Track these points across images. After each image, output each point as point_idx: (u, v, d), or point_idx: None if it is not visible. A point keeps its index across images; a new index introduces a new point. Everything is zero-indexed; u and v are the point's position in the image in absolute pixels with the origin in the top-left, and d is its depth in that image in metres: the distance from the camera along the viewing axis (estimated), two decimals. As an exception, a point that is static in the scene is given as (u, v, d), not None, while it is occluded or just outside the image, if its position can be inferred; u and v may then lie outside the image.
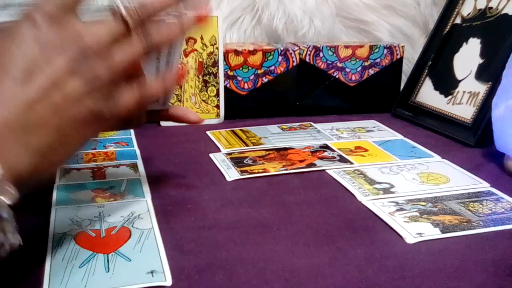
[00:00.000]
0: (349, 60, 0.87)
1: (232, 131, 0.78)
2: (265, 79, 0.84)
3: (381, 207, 0.52)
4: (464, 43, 0.81)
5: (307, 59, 0.85)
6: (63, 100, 0.37)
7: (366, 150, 0.69)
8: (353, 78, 0.88)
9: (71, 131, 0.38)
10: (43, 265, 0.41)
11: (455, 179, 0.60)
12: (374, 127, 0.81)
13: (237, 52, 0.82)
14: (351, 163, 0.65)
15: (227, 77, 0.83)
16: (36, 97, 0.36)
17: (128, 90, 0.42)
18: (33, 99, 0.36)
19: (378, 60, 0.88)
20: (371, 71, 0.88)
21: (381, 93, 0.90)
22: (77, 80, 0.38)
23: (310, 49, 0.85)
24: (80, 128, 0.39)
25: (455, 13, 0.85)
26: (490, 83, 0.74)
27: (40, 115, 0.36)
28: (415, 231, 0.47)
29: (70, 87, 0.37)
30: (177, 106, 0.56)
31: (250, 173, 0.61)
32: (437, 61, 0.85)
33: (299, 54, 0.85)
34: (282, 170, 0.62)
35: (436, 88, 0.83)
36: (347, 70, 0.87)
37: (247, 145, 0.71)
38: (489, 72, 0.74)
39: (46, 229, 0.46)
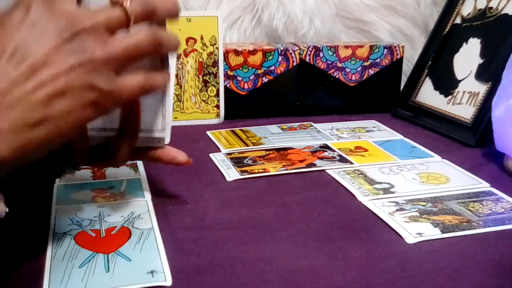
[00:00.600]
0: (349, 60, 0.87)
1: (232, 131, 0.78)
2: (265, 79, 0.84)
3: (381, 207, 0.52)
4: (464, 43, 0.81)
5: (307, 59, 0.85)
6: (53, 78, 0.36)
7: (366, 150, 0.69)
8: (353, 78, 0.88)
9: (61, 107, 0.37)
10: (43, 265, 0.41)
11: (455, 179, 0.60)
12: (374, 127, 0.81)
13: (237, 52, 0.82)
14: (351, 163, 0.65)
15: (227, 77, 0.83)
16: (23, 76, 0.36)
17: (131, 75, 0.40)
18: (20, 78, 0.36)
19: (378, 60, 0.88)
20: (371, 71, 0.88)
21: (381, 93, 0.90)
22: (70, 58, 0.37)
23: (310, 49, 0.85)
24: (74, 105, 0.38)
25: (455, 13, 0.85)
26: (490, 83, 0.74)
27: (25, 92, 0.36)
28: (415, 231, 0.47)
29: (61, 65, 0.37)
30: (168, 148, 0.52)
31: (250, 173, 0.61)
32: (437, 61, 0.85)
33: (299, 54, 0.85)
34: (282, 170, 0.62)
35: (436, 88, 0.83)
36: (347, 70, 0.87)
37: (247, 145, 0.71)
38: (489, 72, 0.74)
39: (46, 229, 0.46)
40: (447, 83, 0.81)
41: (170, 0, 0.43)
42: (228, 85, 0.83)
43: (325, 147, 0.70)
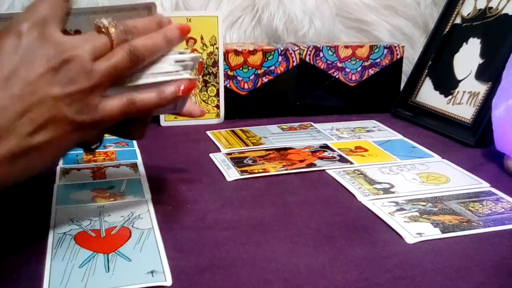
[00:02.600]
0: (349, 60, 0.87)
1: (232, 131, 0.78)
2: (265, 79, 0.84)
3: (381, 207, 0.52)
4: (464, 43, 0.81)
5: (307, 59, 0.85)
6: (38, 107, 0.38)
7: (366, 150, 0.69)
8: (353, 78, 0.88)
9: (45, 137, 0.39)
10: (43, 265, 0.41)
11: (455, 179, 0.60)
12: (374, 127, 0.81)
13: (237, 52, 0.82)
14: (351, 163, 0.65)
15: (227, 77, 0.83)
16: (10, 103, 0.37)
17: (112, 98, 0.42)
18: (7, 105, 0.37)
19: (378, 60, 0.88)
20: (371, 71, 0.88)
21: (381, 93, 0.90)
22: (56, 88, 0.38)
23: (310, 49, 0.85)
24: (57, 135, 0.39)
25: (455, 13, 0.85)
26: (490, 83, 0.74)
27: (11, 120, 0.37)
28: (415, 231, 0.47)
29: (47, 95, 0.38)
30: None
31: (250, 173, 0.61)
32: (437, 61, 0.85)
33: (299, 54, 0.85)
34: (282, 170, 0.62)
35: (436, 88, 0.83)
36: (347, 70, 0.87)
37: (247, 145, 0.71)
38: (489, 72, 0.74)
39: (46, 229, 0.46)
40: (447, 83, 0.81)
41: (151, 22, 0.44)
42: (228, 85, 0.83)
43: (325, 147, 0.70)
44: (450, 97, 0.80)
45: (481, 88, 0.75)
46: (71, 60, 0.39)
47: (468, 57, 0.79)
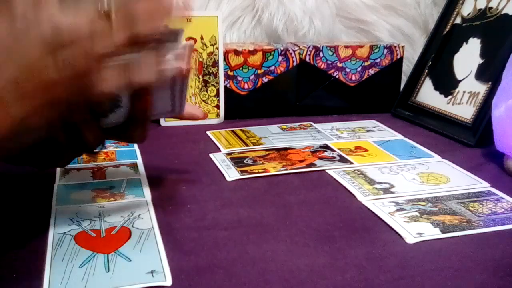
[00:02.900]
0: (349, 60, 0.87)
1: (232, 131, 0.78)
2: (265, 79, 0.84)
3: (381, 207, 0.52)
4: (464, 43, 0.81)
5: (307, 59, 0.85)
6: (33, 94, 0.37)
7: (366, 150, 0.69)
8: (353, 78, 0.88)
9: (39, 122, 0.38)
10: (43, 265, 0.41)
11: (455, 179, 0.60)
12: (374, 127, 0.81)
13: (237, 52, 0.82)
14: (351, 163, 0.65)
15: (227, 77, 0.83)
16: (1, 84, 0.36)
17: (109, 74, 0.40)
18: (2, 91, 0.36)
19: (378, 60, 0.88)
20: (371, 71, 0.88)
21: (381, 93, 0.90)
22: (48, 68, 0.37)
23: (310, 49, 0.85)
24: (48, 113, 0.38)
25: (455, 13, 0.85)
26: (490, 83, 0.74)
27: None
28: (415, 231, 0.47)
29: (40, 75, 0.37)
30: (187, 106, 0.54)
31: (250, 173, 0.61)
32: (437, 61, 0.85)
33: (299, 54, 0.85)
34: (282, 170, 0.62)
35: (436, 88, 0.83)
36: (347, 70, 0.87)
37: (247, 145, 0.71)
38: (489, 72, 0.74)
39: (46, 229, 0.46)
40: (447, 83, 0.81)
41: (155, 3, 0.42)
42: (228, 85, 0.83)
43: (325, 147, 0.70)
44: (450, 97, 0.80)
45: (481, 88, 0.75)
46: (69, 42, 0.37)
47: (468, 57, 0.79)
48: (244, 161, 0.65)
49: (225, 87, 0.83)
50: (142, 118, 0.46)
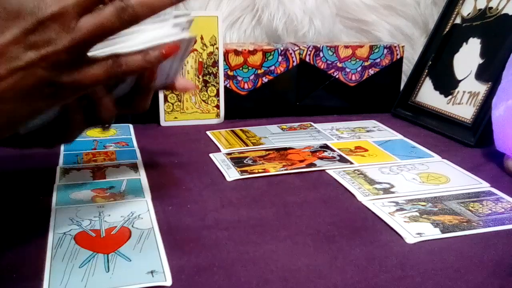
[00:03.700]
0: (349, 60, 0.87)
1: (232, 131, 0.78)
2: (265, 79, 0.84)
3: (381, 207, 0.52)
4: (464, 43, 0.81)
5: (307, 59, 0.85)
6: (8, 74, 0.35)
7: (366, 150, 0.69)
8: (353, 78, 0.88)
9: (18, 102, 0.36)
10: (43, 265, 0.41)
11: (455, 179, 0.60)
12: (374, 127, 0.81)
13: (237, 52, 0.82)
14: (351, 163, 0.65)
15: (227, 77, 0.83)
16: None
17: (96, 59, 0.38)
18: None
19: (378, 60, 0.88)
20: (371, 71, 0.88)
21: (381, 93, 0.90)
22: (30, 53, 0.35)
23: (310, 49, 0.85)
24: (31, 98, 0.37)
25: (455, 13, 0.85)
26: (490, 83, 0.74)
27: None
28: (415, 231, 0.47)
29: (20, 60, 0.35)
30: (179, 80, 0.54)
31: (250, 173, 0.61)
32: (437, 61, 0.85)
33: (299, 54, 0.85)
34: (282, 170, 0.62)
35: (436, 88, 0.83)
36: (347, 70, 0.87)
37: (247, 145, 0.71)
38: (489, 72, 0.74)
39: (46, 229, 0.46)
40: (447, 83, 0.81)
41: None
42: (228, 85, 0.83)
43: (325, 147, 0.70)
44: (450, 97, 0.80)
45: (481, 88, 0.75)
46: (51, 18, 0.35)
47: (468, 57, 0.79)
48: (244, 161, 0.65)
49: (225, 87, 0.83)
50: (146, 88, 0.48)
